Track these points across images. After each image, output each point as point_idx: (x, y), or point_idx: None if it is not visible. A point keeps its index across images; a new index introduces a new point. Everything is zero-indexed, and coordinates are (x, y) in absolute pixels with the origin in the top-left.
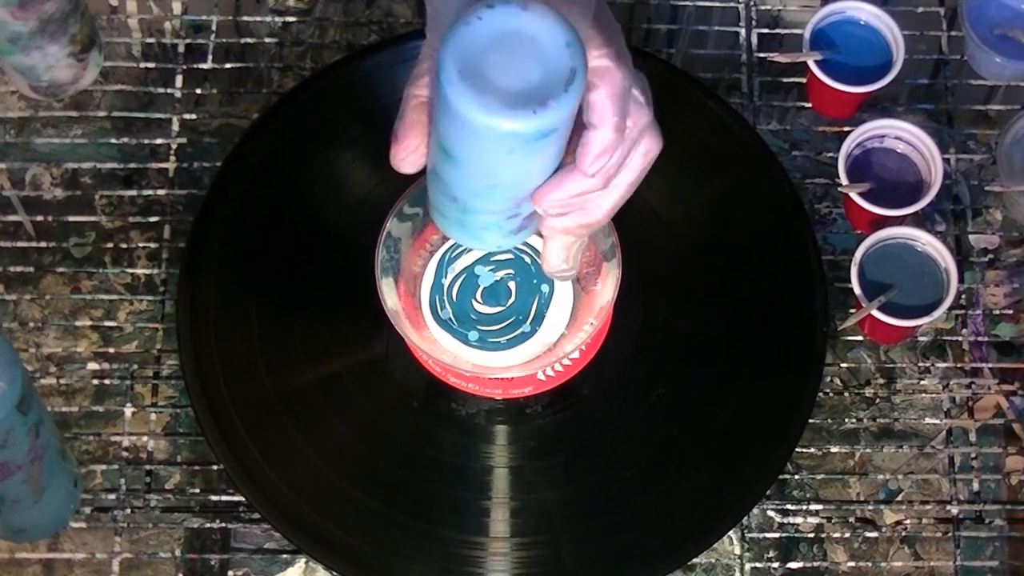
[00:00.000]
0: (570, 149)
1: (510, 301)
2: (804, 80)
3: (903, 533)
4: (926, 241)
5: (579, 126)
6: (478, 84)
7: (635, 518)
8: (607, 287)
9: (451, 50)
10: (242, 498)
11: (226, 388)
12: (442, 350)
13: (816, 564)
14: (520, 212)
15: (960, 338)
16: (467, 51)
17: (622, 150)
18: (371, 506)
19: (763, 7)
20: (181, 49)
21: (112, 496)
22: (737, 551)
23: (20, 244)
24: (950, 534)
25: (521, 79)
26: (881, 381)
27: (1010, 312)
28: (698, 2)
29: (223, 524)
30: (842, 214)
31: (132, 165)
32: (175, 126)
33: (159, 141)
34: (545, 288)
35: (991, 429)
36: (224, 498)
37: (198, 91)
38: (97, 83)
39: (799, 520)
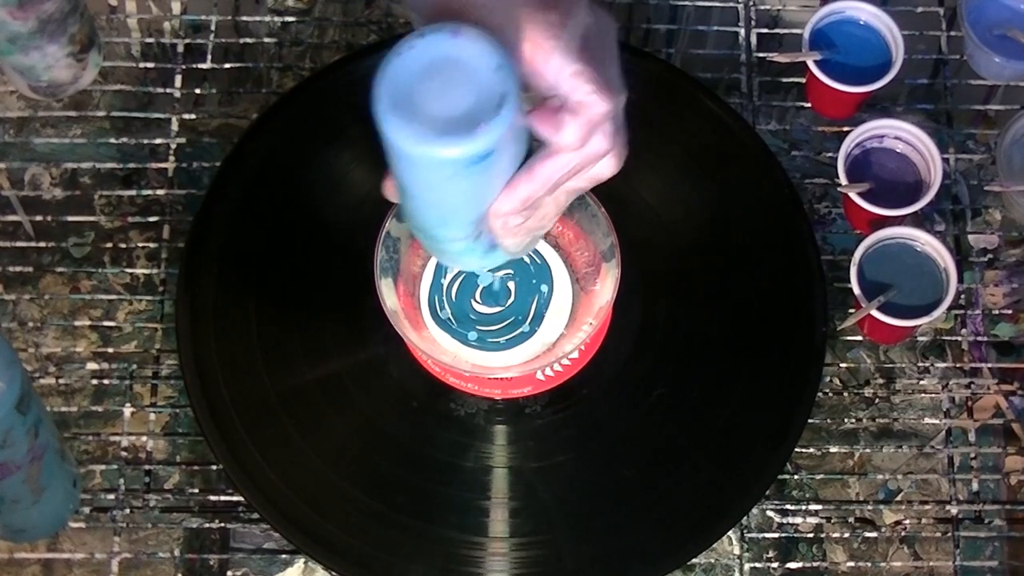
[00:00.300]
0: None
1: (509, 301)
2: (803, 80)
3: (902, 533)
4: (925, 241)
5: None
6: (410, 113)
7: (634, 518)
8: (606, 287)
9: (384, 82)
10: (241, 498)
11: (225, 388)
12: (441, 350)
13: (815, 564)
14: (484, 231)
15: (959, 338)
16: (400, 81)
17: (575, 168)
18: (370, 506)
19: (762, 7)
20: (180, 49)
21: (111, 496)
22: (736, 551)
23: (19, 244)
24: (949, 534)
25: (454, 105)
26: (880, 381)
27: (1009, 312)
28: (697, 2)
29: (222, 524)
30: (841, 214)
31: (131, 165)
32: (174, 126)
33: (158, 141)
34: (544, 288)
35: (990, 429)
36: (223, 498)
37: (197, 91)
38: (96, 83)
39: (798, 520)
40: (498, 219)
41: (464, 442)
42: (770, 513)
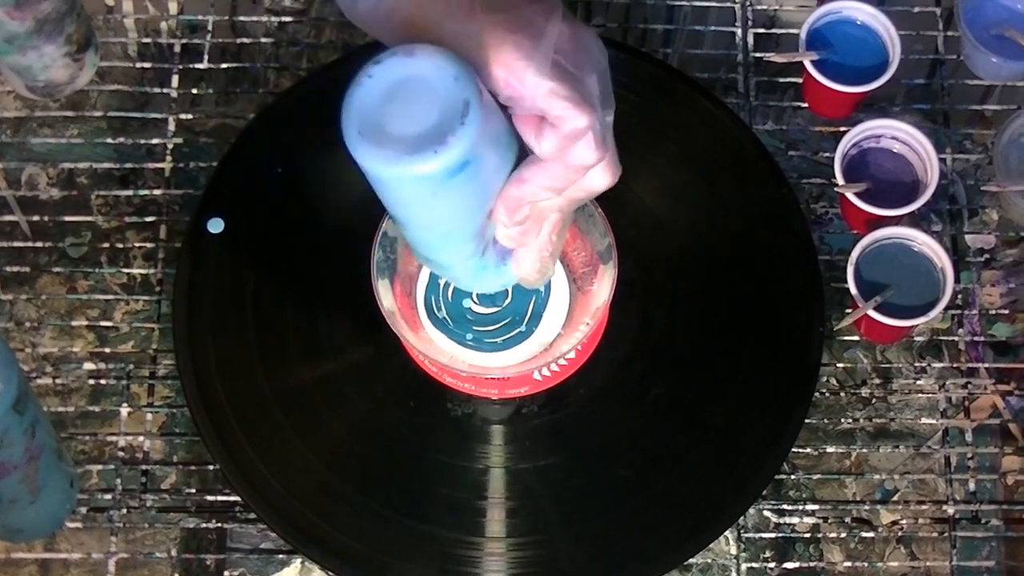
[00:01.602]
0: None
1: (506, 301)
2: (800, 80)
3: (899, 533)
4: (922, 241)
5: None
6: (378, 138)
7: (631, 518)
8: (603, 287)
9: (349, 112)
10: (238, 498)
11: (222, 388)
12: (438, 350)
13: (812, 564)
14: (490, 245)
15: (956, 338)
16: (364, 109)
17: (564, 177)
18: (367, 506)
19: (759, 7)
20: (177, 49)
21: (108, 496)
22: (733, 551)
23: (16, 244)
24: (946, 534)
25: (419, 122)
26: (877, 381)
27: (1006, 312)
28: (694, 2)
29: (219, 524)
30: (838, 214)
31: (128, 165)
32: (171, 126)
33: (155, 141)
34: (541, 288)
35: (987, 429)
36: (220, 498)
37: (194, 91)
38: (93, 83)
39: (795, 520)
40: (499, 225)
41: (461, 442)
42: (767, 513)
